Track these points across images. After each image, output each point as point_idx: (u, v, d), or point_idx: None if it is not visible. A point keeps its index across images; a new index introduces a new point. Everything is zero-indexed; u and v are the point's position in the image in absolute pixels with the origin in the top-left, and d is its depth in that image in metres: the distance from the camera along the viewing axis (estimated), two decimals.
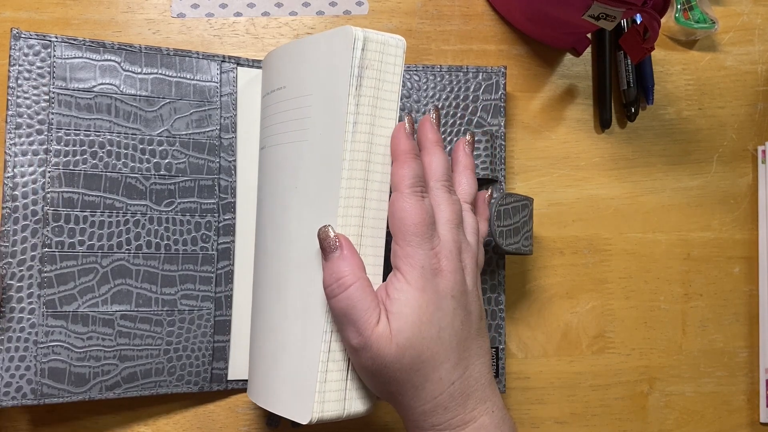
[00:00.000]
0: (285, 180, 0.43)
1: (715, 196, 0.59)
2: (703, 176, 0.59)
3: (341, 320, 0.38)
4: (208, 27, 0.54)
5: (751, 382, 0.58)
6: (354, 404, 0.40)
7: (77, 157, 0.47)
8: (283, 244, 0.43)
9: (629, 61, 0.57)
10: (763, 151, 0.59)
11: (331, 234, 0.39)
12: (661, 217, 0.58)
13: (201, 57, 0.50)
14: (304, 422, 0.39)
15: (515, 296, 0.55)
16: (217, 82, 0.50)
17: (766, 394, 0.57)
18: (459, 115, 0.52)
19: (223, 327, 0.50)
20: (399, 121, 0.41)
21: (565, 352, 0.56)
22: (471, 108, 0.52)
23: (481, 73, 0.52)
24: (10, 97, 0.46)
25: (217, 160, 0.50)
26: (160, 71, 0.49)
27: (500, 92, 0.52)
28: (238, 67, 0.51)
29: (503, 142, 0.52)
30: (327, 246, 0.39)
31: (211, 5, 0.54)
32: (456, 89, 0.52)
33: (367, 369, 0.38)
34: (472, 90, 0.52)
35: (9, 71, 0.46)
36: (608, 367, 0.56)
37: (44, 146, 0.46)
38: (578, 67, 0.58)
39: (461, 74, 0.52)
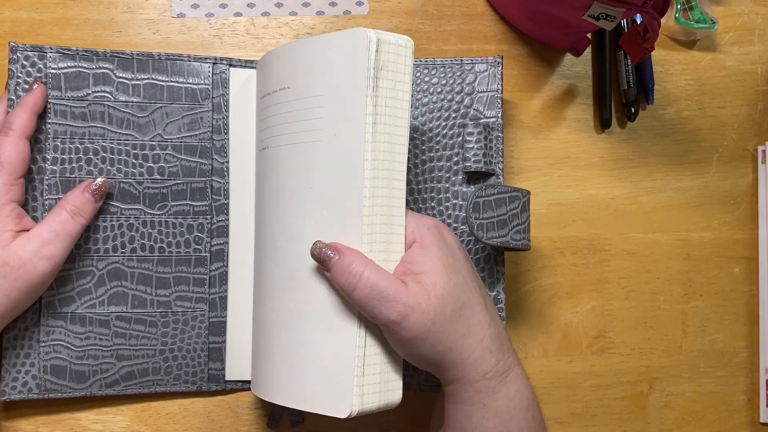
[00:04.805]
0: (295, 180, 0.43)
1: (715, 196, 0.59)
2: (703, 176, 0.59)
3: (372, 304, 0.39)
4: (208, 27, 0.54)
5: (751, 382, 0.58)
6: (392, 395, 0.41)
7: (73, 165, 0.48)
8: (299, 244, 0.43)
9: (629, 61, 0.57)
10: (763, 151, 0.59)
11: (322, 247, 0.40)
12: (661, 217, 0.58)
13: (192, 60, 0.50)
14: (343, 416, 0.40)
15: (515, 296, 0.55)
16: (208, 84, 0.50)
17: (766, 394, 0.57)
18: (454, 108, 0.51)
19: (218, 328, 0.50)
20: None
21: (565, 352, 0.56)
22: (466, 101, 0.51)
23: (476, 65, 0.52)
24: (10, 110, 0.47)
25: (209, 162, 0.50)
26: (152, 76, 0.50)
27: (497, 83, 0.52)
28: (231, 68, 0.51)
29: (500, 134, 0.51)
30: (325, 257, 0.40)
31: (211, 5, 0.54)
32: (451, 82, 0.52)
33: (416, 336, 0.39)
34: (467, 82, 0.52)
35: (8, 84, 0.47)
36: (608, 367, 0.56)
37: (42, 155, 0.48)
38: (578, 67, 0.58)
39: (456, 66, 0.52)
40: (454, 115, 0.51)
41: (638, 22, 0.54)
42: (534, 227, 0.55)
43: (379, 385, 0.40)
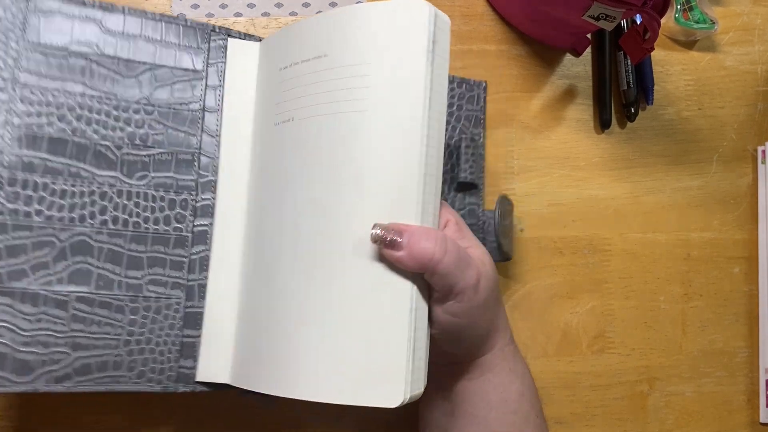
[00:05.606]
0: (330, 153, 0.40)
1: (715, 196, 0.59)
2: (703, 176, 0.59)
3: (459, 267, 0.38)
4: None
5: (751, 382, 0.58)
6: (425, 375, 0.39)
7: (42, 119, 0.42)
8: (338, 223, 0.39)
9: (629, 61, 0.57)
10: (763, 151, 0.59)
11: (380, 231, 0.37)
12: (661, 217, 0.58)
13: (188, 24, 0.47)
14: (395, 405, 0.37)
15: (515, 296, 0.55)
16: (204, 52, 0.47)
17: (766, 394, 0.57)
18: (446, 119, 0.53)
19: (193, 320, 0.44)
20: None
21: (565, 352, 0.56)
22: (456, 115, 0.53)
23: (464, 84, 0.53)
24: None
25: (199, 134, 0.46)
26: (143, 34, 0.45)
27: (480, 105, 0.53)
28: (229, 39, 0.47)
29: (482, 151, 0.53)
30: (391, 239, 0.37)
31: (211, 5, 0.54)
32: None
33: (482, 302, 0.40)
34: (456, 98, 0.53)
35: None
36: (608, 367, 0.56)
37: (6, 105, 0.42)
38: (578, 67, 0.58)
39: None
40: (446, 126, 0.52)
41: (638, 23, 0.54)
42: (534, 227, 0.56)
43: (420, 371, 0.38)
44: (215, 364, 0.45)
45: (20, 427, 0.50)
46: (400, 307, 0.37)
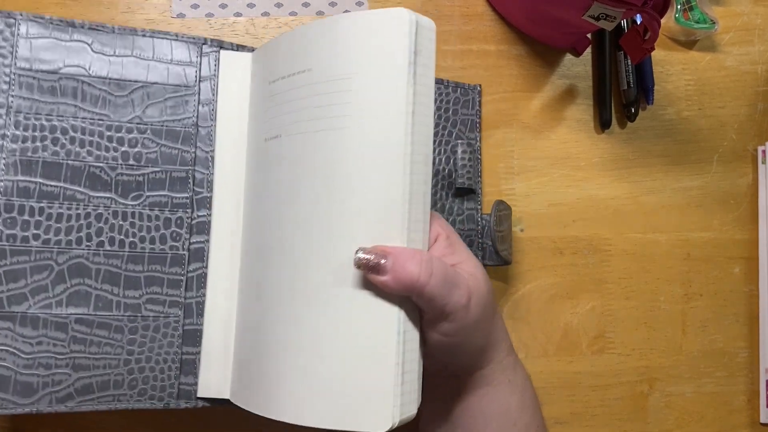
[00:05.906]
0: (315, 172, 0.39)
1: (715, 196, 0.59)
2: (703, 176, 0.59)
3: (446, 289, 0.37)
4: (208, 27, 0.54)
5: (751, 383, 0.58)
6: (418, 399, 0.38)
7: (36, 144, 0.43)
8: (325, 243, 0.39)
9: (629, 61, 0.57)
10: (763, 151, 0.59)
11: (363, 255, 0.36)
12: (661, 217, 0.58)
13: (179, 39, 0.46)
14: (382, 431, 0.36)
15: (515, 296, 0.55)
16: (196, 66, 0.46)
17: (766, 395, 0.57)
18: (441, 125, 0.52)
19: (192, 337, 0.45)
20: None
21: (565, 352, 0.56)
22: (452, 120, 0.53)
23: (459, 89, 0.53)
24: None
25: (193, 150, 0.46)
26: (134, 53, 0.45)
27: (476, 109, 0.54)
28: (221, 51, 0.47)
29: (479, 156, 0.53)
30: (374, 263, 0.36)
31: (211, 5, 0.54)
32: (438, 100, 0.52)
33: (475, 319, 0.38)
34: (452, 103, 0.53)
35: None
36: (608, 367, 0.56)
37: (1, 131, 0.43)
38: (578, 67, 0.58)
39: (442, 87, 0.53)
40: (441, 132, 0.52)
41: (638, 23, 0.54)
42: (534, 227, 0.56)
43: (412, 394, 0.37)
44: (215, 380, 0.45)
45: (20, 427, 0.50)
46: (388, 331, 0.37)
